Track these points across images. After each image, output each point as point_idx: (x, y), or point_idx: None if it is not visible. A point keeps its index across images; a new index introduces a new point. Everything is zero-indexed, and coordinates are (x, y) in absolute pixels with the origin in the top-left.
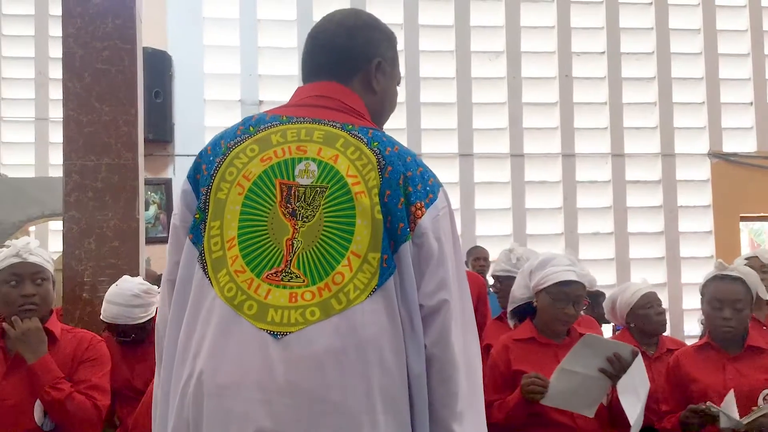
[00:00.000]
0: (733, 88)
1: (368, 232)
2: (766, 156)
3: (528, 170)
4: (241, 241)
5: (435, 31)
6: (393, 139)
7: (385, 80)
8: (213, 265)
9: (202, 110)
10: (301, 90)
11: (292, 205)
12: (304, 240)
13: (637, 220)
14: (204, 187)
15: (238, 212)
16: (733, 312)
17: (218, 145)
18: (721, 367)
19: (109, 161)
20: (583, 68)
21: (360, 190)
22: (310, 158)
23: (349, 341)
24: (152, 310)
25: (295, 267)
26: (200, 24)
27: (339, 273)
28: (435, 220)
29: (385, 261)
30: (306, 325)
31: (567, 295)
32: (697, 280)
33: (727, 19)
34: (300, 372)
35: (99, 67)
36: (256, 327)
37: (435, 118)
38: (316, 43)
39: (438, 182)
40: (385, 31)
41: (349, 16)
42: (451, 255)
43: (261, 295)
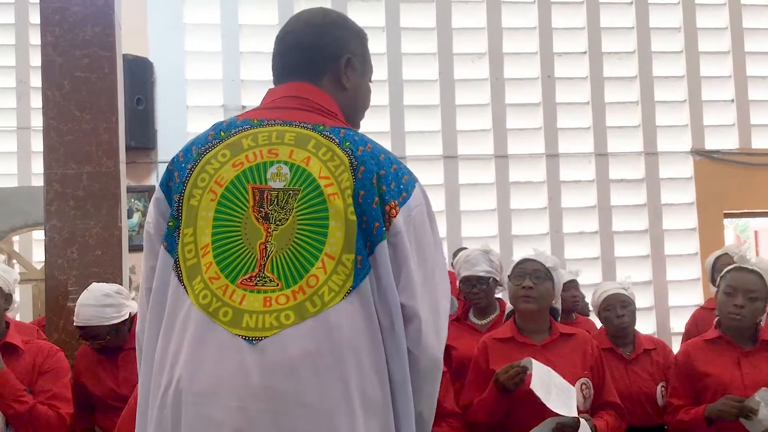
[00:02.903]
0: (714, 86)
1: (342, 234)
2: (748, 153)
3: (512, 171)
4: (215, 248)
5: (417, 33)
6: (365, 138)
7: (356, 77)
8: (188, 272)
9: (184, 116)
10: (273, 92)
11: (265, 209)
12: (277, 243)
13: (621, 218)
14: (177, 194)
15: (211, 219)
16: (745, 300)
17: (189, 152)
18: (735, 362)
19: (91, 169)
20: (565, 68)
21: (333, 192)
22: (282, 161)
23: (325, 344)
24: (125, 311)
25: (269, 271)
26: (181, 30)
27: (313, 275)
28: (408, 220)
29: (360, 262)
30: (281, 330)
31: (523, 271)
32: (681, 277)
33: (707, 17)
34: (275, 377)
35: (79, 75)
36: (231, 333)
37: (418, 120)
38: (284, 43)
39: (413, 179)
40: (354, 29)
41: (317, 14)
42: (427, 253)
43: (236, 301)
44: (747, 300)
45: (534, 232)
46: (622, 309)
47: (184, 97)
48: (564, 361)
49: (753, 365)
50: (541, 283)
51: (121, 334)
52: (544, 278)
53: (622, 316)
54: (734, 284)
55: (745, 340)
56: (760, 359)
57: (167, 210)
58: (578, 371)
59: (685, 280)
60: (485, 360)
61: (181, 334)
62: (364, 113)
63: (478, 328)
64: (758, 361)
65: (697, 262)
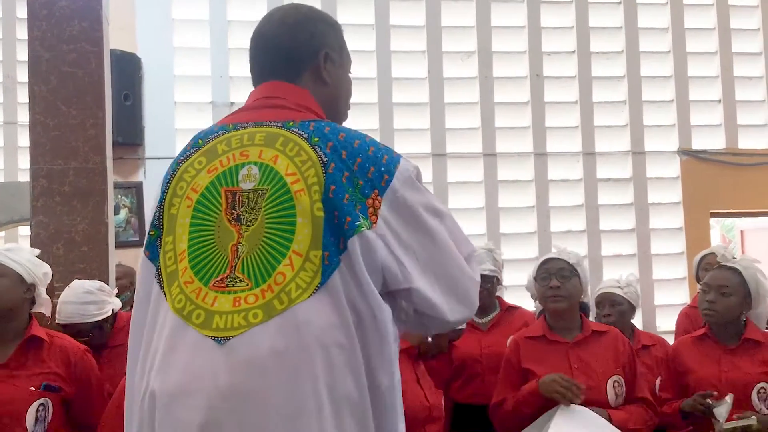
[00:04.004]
0: (701, 86)
1: (309, 231)
2: (734, 153)
3: (501, 169)
4: (190, 253)
5: (406, 31)
6: (338, 128)
7: (335, 69)
8: (167, 279)
9: (172, 112)
10: (251, 94)
11: (237, 211)
12: (248, 244)
13: (608, 217)
14: (157, 204)
15: (188, 225)
16: (717, 296)
17: (172, 165)
18: (716, 359)
19: (77, 165)
20: (554, 68)
21: (299, 188)
22: (252, 162)
23: (292, 341)
24: (107, 308)
25: (239, 272)
26: (170, 26)
27: (280, 273)
28: (394, 204)
29: (327, 258)
30: (249, 328)
31: (548, 271)
32: (668, 276)
33: (695, 18)
34: (242, 376)
35: (65, 70)
36: (202, 334)
37: (407, 118)
38: (259, 44)
39: (395, 156)
40: (328, 21)
41: (289, 12)
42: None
43: (208, 303)
44: (719, 295)
45: (522, 231)
46: (610, 308)
47: (172, 93)
48: (596, 359)
49: (732, 363)
50: (568, 281)
51: (104, 331)
52: (570, 275)
53: (608, 315)
54: (708, 281)
55: (729, 338)
56: (741, 357)
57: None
58: (611, 368)
59: (671, 279)
60: (517, 358)
61: (158, 339)
62: (349, 103)
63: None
64: (738, 359)
65: (684, 261)
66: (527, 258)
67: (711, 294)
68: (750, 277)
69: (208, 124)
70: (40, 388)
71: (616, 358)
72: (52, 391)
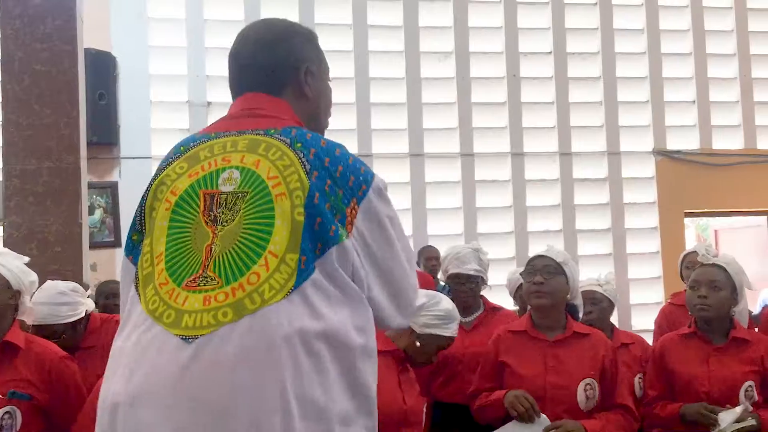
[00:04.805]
0: (676, 87)
1: (287, 233)
2: (709, 153)
3: (478, 169)
4: (167, 255)
5: (384, 31)
6: (318, 136)
7: (316, 82)
8: (143, 281)
9: (148, 112)
10: (232, 106)
11: (214, 212)
12: (221, 243)
13: (584, 217)
14: (139, 208)
15: (165, 227)
16: (708, 290)
17: (155, 171)
18: (705, 358)
19: (51, 165)
20: (531, 68)
21: (280, 192)
22: (234, 166)
23: (261, 341)
24: (81, 309)
25: (211, 270)
26: (145, 24)
27: (255, 273)
28: (368, 214)
29: (304, 263)
30: (218, 327)
31: (533, 267)
32: (643, 275)
33: (670, 19)
34: (208, 375)
35: (38, 69)
36: (170, 334)
37: (385, 118)
38: (238, 64)
39: (368, 168)
40: (303, 33)
41: (264, 31)
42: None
43: (179, 303)
44: (710, 290)
45: (499, 230)
46: (591, 306)
47: (147, 92)
48: (573, 360)
49: (720, 362)
50: (553, 278)
51: (77, 332)
52: (554, 273)
53: (590, 313)
54: (697, 278)
55: (717, 336)
56: (729, 356)
57: None
58: (586, 371)
59: (646, 278)
60: (496, 351)
61: (127, 340)
62: (330, 111)
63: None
64: (726, 357)
65: (658, 260)
66: (504, 258)
67: (702, 289)
68: (734, 272)
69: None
70: (6, 395)
71: (593, 362)
72: (20, 399)
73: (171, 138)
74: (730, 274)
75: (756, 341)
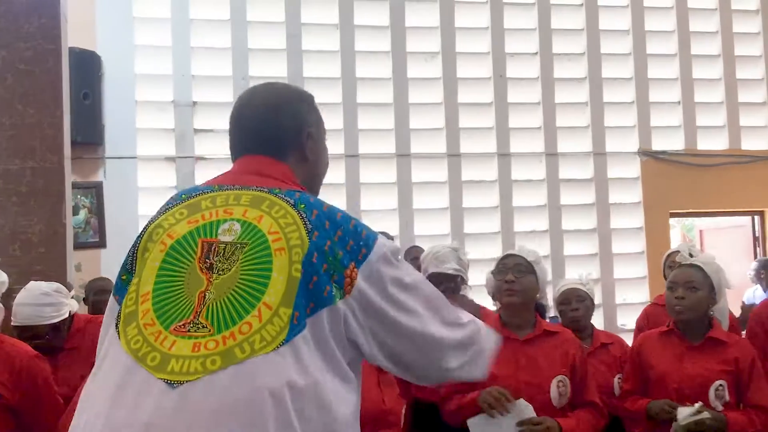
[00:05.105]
0: (661, 88)
1: (283, 287)
2: (693, 153)
3: (464, 170)
4: (154, 295)
5: (371, 31)
6: (321, 201)
7: (316, 145)
8: (125, 319)
9: (133, 111)
10: (234, 164)
11: (210, 260)
12: (216, 291)
13: (570, 217)
14: (132, 248)
15: (156, 268)
16: (686, 291)
17: (154, 215)
18: (679, 356)
19: (34, 165)
20: (517, 69)
21: (280, 247)
22: (235, 219)
23: (247, 391)
24: (64, 310)
25: (203, 318)
26: (130, 24)
27: (247, 323)
28: (371, 276)
29: (296, 318)
30: (205, 374)
31: (505, 266)
32: (629, 275)
33: (655, 21)
34: (190, 422)
35: (22, 68)
36: (154, 377)
37: (372, 118)
38: (242, 125)
39: (373, 233)
40: (304, 97)
41: (268, 95)
42: (402, 291)
43: (166, 347)
44: (687, 291)
45: (486, 231)
46: (576, 303)
47: (132, 91)
48: (544, 358)
49: (694, 360)
50: (524, 277)
51: (60, 333)
52: (525, 272)
53: (576, 309)
54: (674, 279)
55: (695, 335)
56: (703, 355)
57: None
58: (557, 368)
59: (631, 278)
60: None
61: (105, 377)
62: (326, 172)
63: None
64: (701, 356)
65: (644, 260)
66: (491, 258)
67: (679, 290)
68: (712, 272)
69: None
70: None
71: (564, 359)
72: None
73: (156, 138)
74: (707, 273)
75: (732, 343)
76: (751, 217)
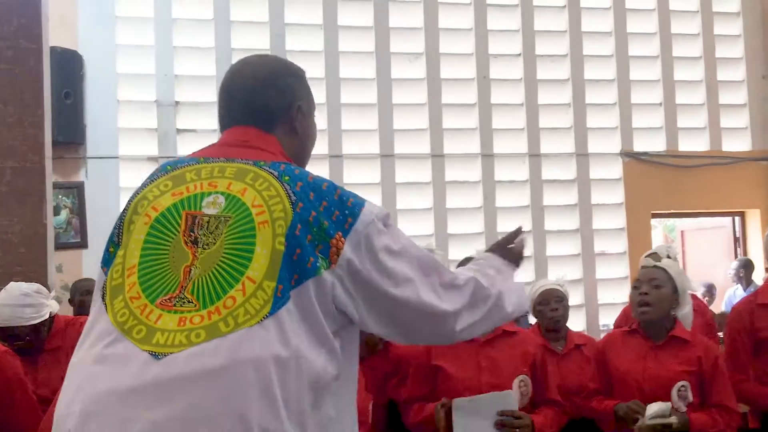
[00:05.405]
0: (643, 90)
1: (266, 261)
2: (675, 155)
3: (448, 170)
4: (140, 269)
5: (354, 32)
6: (306, 172)
7: (305, 119)
8: (111, 292)
9: (115, 111)
10: (222, 136)
11: (195, 234)
12: (201, 266)
13: (553, 218)
14: (118, 220)
15: (141, 241)
16: (650, 288)
17: (138, 187)
18: (642, 355)
19: (14, 164)
20: (500, 70)
21: (263, 220)
22: (220, 192)
23: (229, 362)
24: (45, 311)
25: (189, 292)
26: (113, 23)
27: (231, 297)
28: (358, 245)
29: (280, 291)
30: (189, 347)
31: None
32: (610, 275)
33: (637, 23)
34: (173, 392)
35: (2, 68)
36: (139, 349)
37: (355, 119)
38: (232, 95)
39: (360, 200)
40: (295, 71)
41: (259, 66)
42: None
43: (152, 320)
44: (651, 288)
45: (469, 231)
46: (555, 303)
47: (115, 91)
48: (505, 358)
49: (657, 359)
50: None
51: (41, 334)
52: None
53: (556, 310)
54: (639, 278)
55: (658, 334)
56: (666, 354)
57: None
58: (518, 368)
59: (613, 278)
60: (428, 355)
61: (90, 349)
62: (313, 147)
63: None
64: (664, 355)
65: (626, 260)
66: None
67: (644, 287)
68: (675, 274)
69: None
70: None
71: (524, 358)
72: None
73: (138, 138)
74: (671, 275)
75: (695, 342)
76: (732, 218)
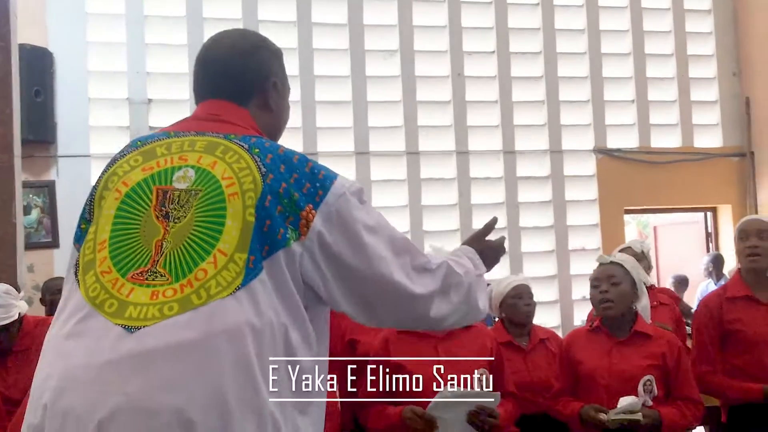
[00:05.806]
0: (616, 86)
1: (237, 233)
2: (648, 151)
3: (423, 167)
4: (111, 243)
5: (328, 29)
6: (277, 144)
7: (279, 97)
8: (83, 267)
9: (86, 109)
10: (195, 109)
11: (166, 208)
12: (173, 240)
13: (528, 214)
14: (89, 197)
15: (112, 216)
16: (609, 286)
17: (109, 162)
18: (607, 351)
19: None
20: (475, 67)
21: (233, 192)
22: (190, 165)
23: (202, 333)
24: (14, 312)
25: (161, 266)
26: (83, 20)
27: (202, 269)
28: (329, 216)
29: (252, 262)
30: (162, 320)
31: None
32: (584, 271)
33: (610, 20)
34: (147, 365)
35: None
36: (112, 323)
37: (330, 116)
38: (207, 67)
39: (332, 173)
40: (273, 49)
41: (238, 39)
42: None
43: (123, 294)
44: (610, 285)
45: (445, 228)
46: (528, 299)
47: (86, 89)
48: (464, 352)
49: (622, 355)
50: None
51: (10, 335)
52: None
53: (529, 305)
54: (597, 275)
55: (620, 330)
56: (630, 350)
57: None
58: (477, 362)
59: (588, 274)
60: (386, 353)
61: (63, 325)
62: (285, 127)
63: None
64: (628, 351)
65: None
66: None
67: (603, 285)
68: (631, 268)
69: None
70: None
71: (482, 351)
72: None
73: (110, 136)
74: (627, 269)
75: (657, 336)
76: (704, 213)
